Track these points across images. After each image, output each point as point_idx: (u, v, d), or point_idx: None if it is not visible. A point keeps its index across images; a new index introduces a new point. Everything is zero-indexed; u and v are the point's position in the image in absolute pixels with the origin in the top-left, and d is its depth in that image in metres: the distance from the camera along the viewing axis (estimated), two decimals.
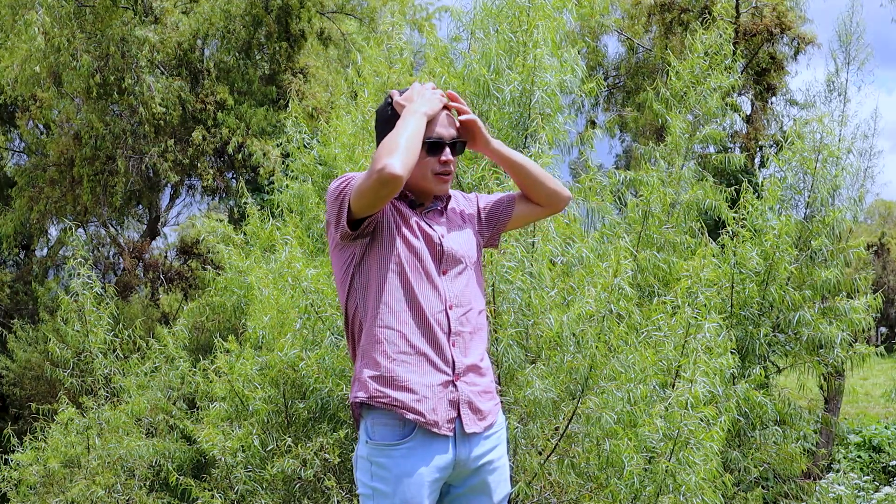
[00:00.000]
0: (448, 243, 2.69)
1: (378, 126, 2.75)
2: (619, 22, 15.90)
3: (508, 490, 2.80)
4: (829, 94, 7.42)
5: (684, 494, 4.24)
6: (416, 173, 2.64)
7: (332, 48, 13.49)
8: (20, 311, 14.43)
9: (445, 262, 2.67)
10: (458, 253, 2.71)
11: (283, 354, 5.07)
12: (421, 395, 2.56)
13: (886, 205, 33.49)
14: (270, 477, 5.04)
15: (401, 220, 2.64)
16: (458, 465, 2.63)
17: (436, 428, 2.57)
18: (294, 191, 6.21)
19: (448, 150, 2.67)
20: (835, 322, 6.15)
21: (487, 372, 2.75)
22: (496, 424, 2.73)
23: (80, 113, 12.49)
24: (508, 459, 2.90)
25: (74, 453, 6.34)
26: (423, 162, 2.64)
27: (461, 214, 2.84)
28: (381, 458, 2.57)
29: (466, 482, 2.68)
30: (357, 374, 2.64)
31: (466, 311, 2.68)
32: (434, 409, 2.57)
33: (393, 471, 2.55)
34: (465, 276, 2.71)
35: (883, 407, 16.79)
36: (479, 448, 2.67)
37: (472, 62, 5.44)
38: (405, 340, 2.58)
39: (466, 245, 2.77)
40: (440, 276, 2.65)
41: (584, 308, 4.42)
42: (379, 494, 2.57)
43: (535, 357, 4.72)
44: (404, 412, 2.54)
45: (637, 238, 5.64)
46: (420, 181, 2.67)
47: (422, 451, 2.56)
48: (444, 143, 2.66)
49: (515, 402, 4.50)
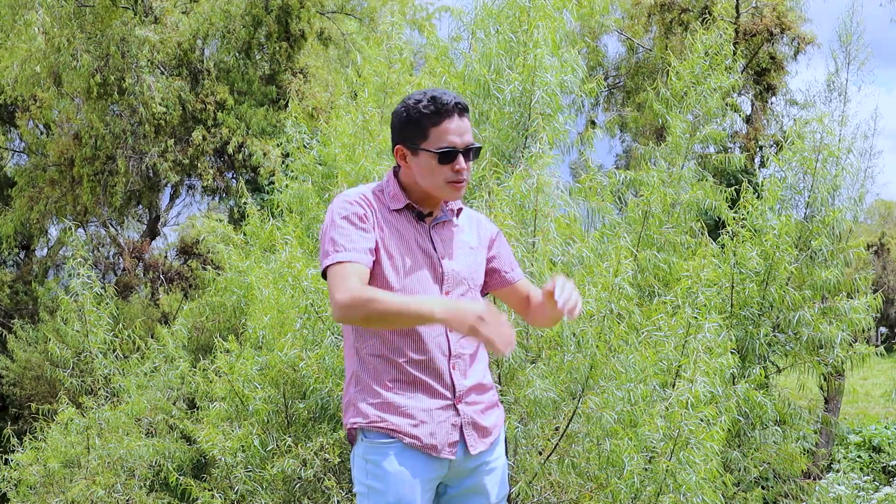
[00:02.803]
0: (449, 265, 2.64)
1: (396, 129, 2.64)
2: (619, 22, 15.90)
3: (506, 491, 2.78)
4: (829, 94, 7.42)
5: (684, 494, 4.24)
6: (428, 182, 2.60)
7: (332, 48, 13.50)
8: (20, 311, 14.43)
9: (447, 283, 2.62)
10: (461, 274, 2.66)
11: (283, 354, 5.06)
12: (419, 419, 2.54)
13: (886, 205, 33.48)
14: (270, 477, 5.04)
15: (399, 242, 2.58)
16: (454, 466, 2.62)
17: (434, 452, 2.55)
18: (294, 191, 6.21)
19: (461, 158, 2.59)
20: (835, 322, 6.15)
21: (490, 386, 2.73)
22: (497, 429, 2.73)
23: (80, 113, 12.50)
24: (508, 459, 2.88)
25: (74, 453, 6.34)
26: (436, 171, 2.58)
27: (477, 234, 2.78)
28: (376, 456, 2.56)
29: (463, 483, 2.66)
30: (352, 399, 2.61)
31: None
32: (432, 433, 2.55)
33: (388, 469, 2.54)
34: (469, 296, 2.67)
35: (883, 407, 16.79)
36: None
37: (472, 62, 5.44)
38: (402, 368, 2.55)
39: (472, 266, 2.71)
40: (444, 298, 2.60)
41: (584, 308, 4.42)
42: (374, 492, 2.56)
43: (535, 357, 4.72)
44: (402, 437, 2.53)
45: (637, 238, 5.64)
46: (432, 190, 2.62)
47: (417, 451, 2.56)
48: (456, 150, 2.59)
49: (516, 401, 4.50)
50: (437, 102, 2.58)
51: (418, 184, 2.63)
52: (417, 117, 2.59)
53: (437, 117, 2.58)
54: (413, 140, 2.60)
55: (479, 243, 2.77)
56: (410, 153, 2.61)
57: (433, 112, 2.58)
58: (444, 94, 2.61)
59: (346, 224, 2.54)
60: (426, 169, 2.59)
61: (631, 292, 4.51)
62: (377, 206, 2.60)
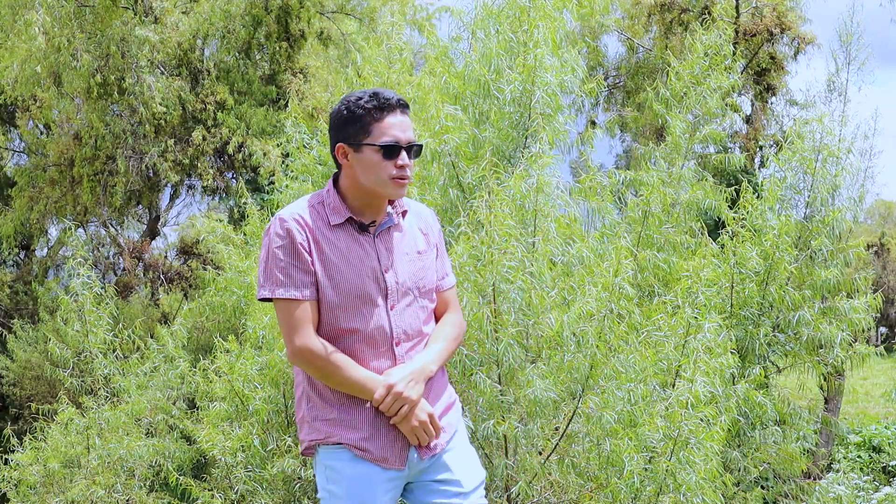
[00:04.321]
0: (392, 279, 2.59)
1: (336, 128, 2.60)
2: (619, 22, 15.90)
3: (482, 476, 2.73)
4: (829, 94, 7.41)
5: (684, 494, 4.24)
6: (372, 180, 2.55)
7: (331, 48, 13.49)
8: (20, 311, 14.43)
9: (391, 296, 2.58)
10: (406, 285, 2.61)
11: (283, 354, 5.06)
12: (368, 434, 2.54)
13: (886, 205, 33.49)
14: (270, 477, 5.04)
15: (339, 260, 2.54)
16: (411, 466, 2.62)
17: (385, 463, 2.56)
18: (294, 191, 6.20)
19: (404, 154, 2.56)
20: (835, 322, 6.15)
21: (443, 389, 2.70)
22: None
23: (80, 113, 12.50)
24: (508, 459, 2.88)
25: (74, 453, 6.34)
26: (379, 167, 2.54)
27: (425, 235, 2.72)
28: (334, 461, 2.57)
29: (425, 477, 2.65)
30: (304, 417, 2.61)
31: (416, 342, 2.62)
32: (383, 446, 2.55)
33: (344, 473, 2.55)
34: (416, 305, 2.63)
35: (883, 407, 16.80)
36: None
37: (472, 62, 5.44)
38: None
39: (419, 273, 2.65)
40: (388, 312, 2.57)
41: (584, 308, 4.42)
42: (334, 497, 2.57)
43: (535, 357, 4.71)
44: (353, 450, 2.54)
45: (637, 238, 5.64)
46: (376, 188, 2.56)
47: (374, 462, 2.56)
48: (399, 146, 2.55)
49: (515, 401, 4.50)
50: (379, 98, 2.55)
51: (360, 186, 2.58)
52: (360, 113, 2.54)
53: (379, 112, 2.55)
54: (355, 137, 2.55)
55: (426, 245, 2.72)
56: (353, 150, 2.56)
57: (375, 107, 2.54)
58: (385, 90, 2.58)
59: (284, 256, 2.51)
60: (369, 165, 2.55)
61: (631, 292, 4.51)
62: (315, 225, 2.54)
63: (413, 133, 2.61)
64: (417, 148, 2.62)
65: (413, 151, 2.60)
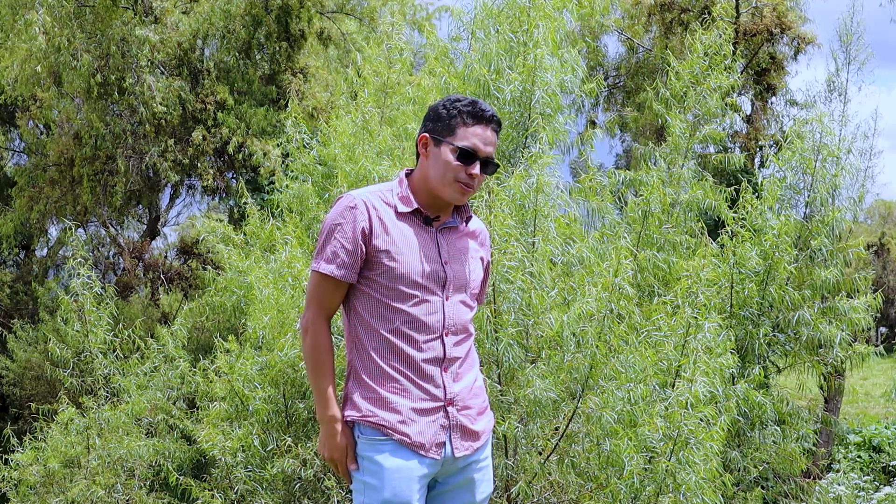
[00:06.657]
0: (452, 271, 2.68)
1: (428, 119, 2.72)
2: (619, 22, 15.89)
3: (490, 489, 2.84)
4: (829, 94, 7.42)
5: (684, 494, 4.24)
6: (438, 177, 2.64)
7: (332, 48, 13.49)
8: (20, 311, 14.43)
9: (448, 287, 2.66)
10: (463, 279, 2.71)
11: (283, 354, 5.07)
12: (407, 417, 2.60)
13: (886, 205, 33.48)
14: (270, 477, 5.04)
15: (404, 246, 2.62)
16: (446, 462, 2.67)
17: (422, 450, 2.61)
18: (294, 191, 6.21)
19: (478, 165, 2.64)
20: (834, 322, 6.15)
21: (481, 391, 2.79)
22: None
23: (80, 113, 12.49)
24: (508, 459, 2.93)
25: (74, 453, 6.33)
26: (450, 167, 2.62)
27: (482, 247, 2.83)
28: (371, 452, 2.61)
29: (452, 479, 2.72)
30: (349, 393, 2.68)
31: (462, 337, 2.70)
32: (421, 432, 2.61)
33: (382, 465, 2.59)
34: (466, 301, 2.72)
35: (883, 407, 16.80)
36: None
37: (472, 62, 5.44)
38: (396, 367, 2.60)
39: (474, 272, 2.76)
40: (444, 302, 2.65)
41: (584, 308, 4.42)
42: (369, 488, 2.61)
43: (535, 357, 4.72)
44: (391, 433, 2.59)
45: (637, 238, 5.64)
46: (439, 186, 2.65)
47: (407, 448, 2.61)
48: (477, 155, 2.64)
49: (515, 401, 4.50)
50: (476, 107, 2.66)
51: (428, 180, 2.66)
52: (454, 113, 2.65)
53: (470, 118, 2.65)
54: (440, 132, 2.65)
55: (479, 259, 2.83)
56: (433, 143, 2.66)
57: (468, 113, 2.65)
58: (485, 103, 2.69)
59: (339, 236, 2.59)
60: (442, 162, 2.63)
61: (631, 292, 4.51)
62: (381, 210, 2.63)
63: (493, 151, 2.69)
64: (494, 166, 2.72)
65: (489, 168, 2.69)
